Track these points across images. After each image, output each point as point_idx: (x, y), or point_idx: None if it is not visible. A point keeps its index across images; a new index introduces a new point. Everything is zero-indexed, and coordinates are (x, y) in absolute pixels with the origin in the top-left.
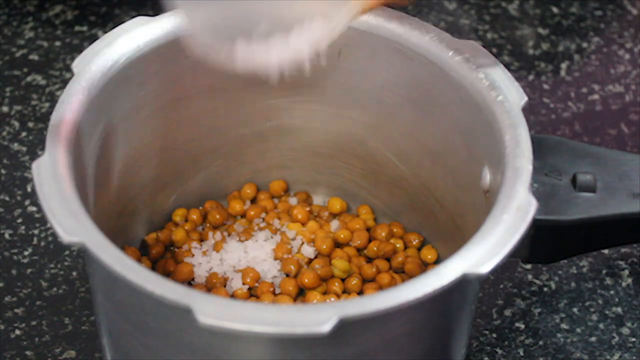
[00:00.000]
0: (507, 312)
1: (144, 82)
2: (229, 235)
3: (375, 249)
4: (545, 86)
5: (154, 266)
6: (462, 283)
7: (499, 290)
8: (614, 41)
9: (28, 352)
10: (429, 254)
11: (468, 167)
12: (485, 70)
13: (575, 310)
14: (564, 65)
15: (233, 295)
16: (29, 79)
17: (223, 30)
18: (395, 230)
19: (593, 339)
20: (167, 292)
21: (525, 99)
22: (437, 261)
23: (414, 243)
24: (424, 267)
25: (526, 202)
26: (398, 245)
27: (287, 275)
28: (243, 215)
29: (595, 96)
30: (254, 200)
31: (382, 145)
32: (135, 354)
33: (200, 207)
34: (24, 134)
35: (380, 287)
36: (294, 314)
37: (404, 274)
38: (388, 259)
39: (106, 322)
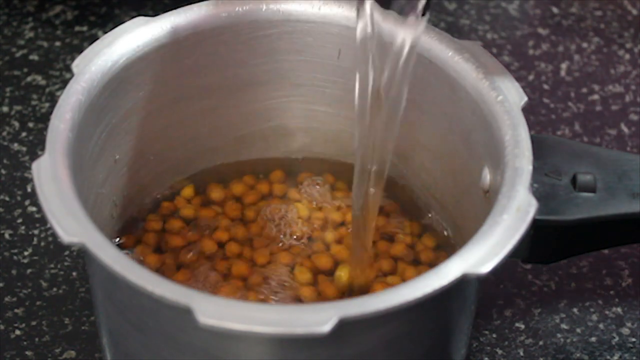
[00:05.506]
0: (507, 312)
1: (143, 82)
2: None
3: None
4: (545, 86)
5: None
6: (462, 283)
7: (499, 290)
8: (614, 41)
9: (28, 352)
10: (428, 242)
11: (468, 167)
12: (485, 70)
13: (575, 310)
14: (564, 65)
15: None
16: (29, 79)
17: None
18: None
19: (593, 339)
20: (167, 292)
21: (525, 99)
22: (436, 248)
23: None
24: (426, 252)
25: (526, 203)
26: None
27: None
28: None
29: (595, 96)
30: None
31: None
32: (135, 354)
33: None
34: (24, 134)
35: (382, 272)
36: (294, 314)
37: (404, 262)
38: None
39: (106, 322)
